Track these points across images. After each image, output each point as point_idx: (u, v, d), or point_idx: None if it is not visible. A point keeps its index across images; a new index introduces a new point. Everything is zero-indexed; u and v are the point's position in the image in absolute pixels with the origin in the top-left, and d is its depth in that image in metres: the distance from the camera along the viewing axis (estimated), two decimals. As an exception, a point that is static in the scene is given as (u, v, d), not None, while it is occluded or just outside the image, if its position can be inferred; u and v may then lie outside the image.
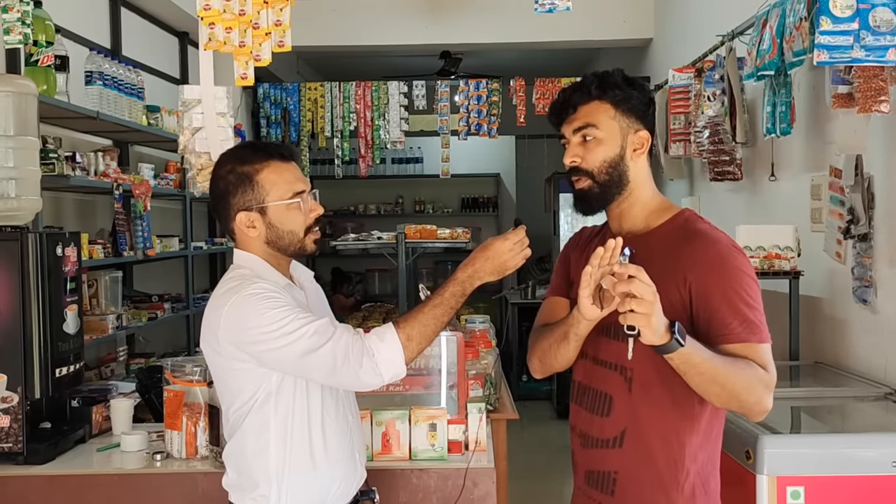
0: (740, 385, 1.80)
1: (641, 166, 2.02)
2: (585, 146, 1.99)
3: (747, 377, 1.81)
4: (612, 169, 1.98)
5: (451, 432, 2.83)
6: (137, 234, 4.73)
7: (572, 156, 2.00)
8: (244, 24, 3.11)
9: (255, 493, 2.09)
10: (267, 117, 7.34)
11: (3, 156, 3.00)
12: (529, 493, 5.37)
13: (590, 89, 1.98)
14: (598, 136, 1.97)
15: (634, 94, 1.99)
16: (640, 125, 2.00)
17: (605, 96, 1.97)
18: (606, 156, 1.97)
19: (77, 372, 3.06)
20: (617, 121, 1.98)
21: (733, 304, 1.85)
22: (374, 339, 2.04)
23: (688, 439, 1.92)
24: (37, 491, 2.77)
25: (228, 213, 2.14)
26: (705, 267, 1.88)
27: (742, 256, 1.91)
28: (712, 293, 1.86)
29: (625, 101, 1.98)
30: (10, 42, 3.53)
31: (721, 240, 1.93)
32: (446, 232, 4.96)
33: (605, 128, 1.97)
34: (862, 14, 2.82)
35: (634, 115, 1.99)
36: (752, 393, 1.82)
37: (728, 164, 4.64)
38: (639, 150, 2.00)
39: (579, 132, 1.99)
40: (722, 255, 1.89)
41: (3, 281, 2.82)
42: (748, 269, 1.90)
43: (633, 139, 1.99)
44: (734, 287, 1.86)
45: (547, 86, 7.11)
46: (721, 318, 1.85)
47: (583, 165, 1.99)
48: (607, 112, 1.98)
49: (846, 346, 3.67)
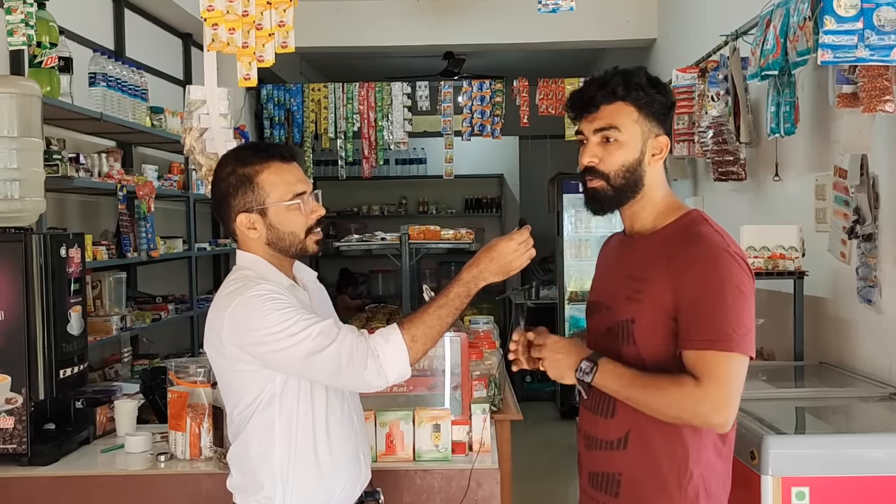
0: (661, 406, 1.84)
1: (657, 170, 2.00)
2: (605, 148, 1.96)
3: (670, 399, 1.83)
4: (629, 173, 1.96)
5: (455, 433, 2.82)
6: (141, 236, 4.74)
7: (591, 156, 1.97)
8: (247, 25, 3.11)
9: (260, 494, 2.09)
10: (270, 118, 7.35)
11: (7, 157, 3.00)
12: (533, 494, 5.36)
13: (615, 89, 1.94)
14: (620, 139, 1.94)
15: (658, 97, 1.96)
16: (661, 130, 1.98)
17: (630, 98, 1.94)
18: (626, 160, 1.95)
19: (81, 373, 3.06)
20: (639, 124, 1.95)
21: (706, 309, 1.83)
22: (379, 340, 2.03)
23: (691, 442, 1.91)
24: (41, 492, 2.77)
25: (229, 214, 2.14)
26: (691, 269, 1.86)
27: (732, 261, 1.86)
28: (690, 296, 1.84)
29: (648, 104, 1.95)
30: (13, 43, 3.54)
31: (716, 244, 1.88)
32: (450, 233, 4.96)
33: (628, 131, 1.95)
34: (866, 13, 2.81)
35: (656, 119, 1.97)
36: (683, 410, 1.83)
37: (732, 164, 4.63)
38: (657, 156, 1.98)
39: (601, 132, 1.96)
40: (707, 258, 1.86)
41: (7, 282, 2.82)
42: (734, 276, 1.85)
43: (653, 144, 1.97)
44: (714, 292, 1.83)
45: (550, 86, 7.11)
46: (689, 322, 1.84)
47: (600, 167, 1.96)
48: (630, 115, 1.95)
49: (851, 347, 3.66)
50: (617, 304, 1.98)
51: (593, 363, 1.91)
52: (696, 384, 1.81)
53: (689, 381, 1.82)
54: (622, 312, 1.95)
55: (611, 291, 2.02)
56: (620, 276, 2.00)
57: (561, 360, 1.97)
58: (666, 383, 1.84)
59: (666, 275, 1.88)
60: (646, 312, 1.91)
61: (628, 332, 1.93)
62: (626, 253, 2.05)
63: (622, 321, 1.95)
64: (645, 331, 1.91)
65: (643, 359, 1.92)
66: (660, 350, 1.91)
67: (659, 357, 1.91)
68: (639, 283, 1.93)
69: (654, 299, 1.90)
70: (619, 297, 1.97)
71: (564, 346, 1.99)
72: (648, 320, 1.91)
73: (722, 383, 1.81)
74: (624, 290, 1.96)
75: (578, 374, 1.93)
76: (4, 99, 3.00)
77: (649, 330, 1.91)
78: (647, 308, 1.91)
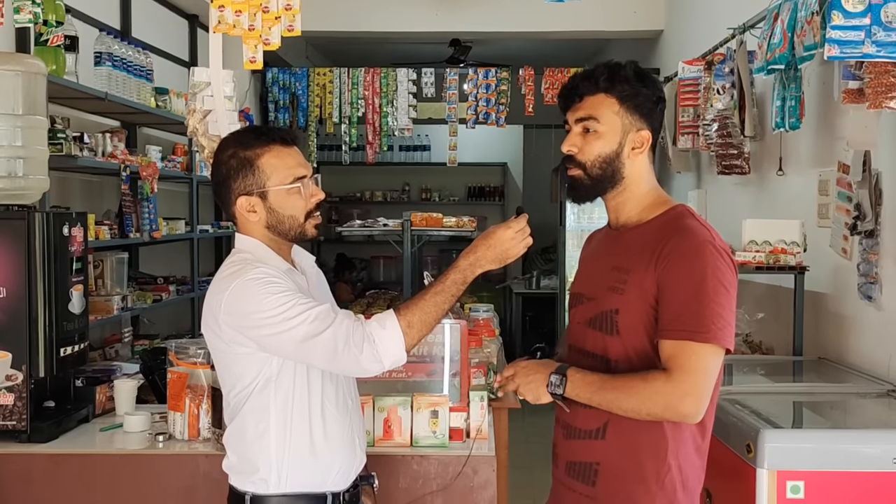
0: (634, 405, 1.86)
1: (640, 163, 2.00)
2: (585, 138, 1.99)
3: (641, 396, 1.84)
4: (605, 164, 1.98)
5: (453, 420, 2.83)
6: (144, 216, 4.74)
7: (570, 145, 2.01)
8: (254, 8, 3.10)
9: (255, 476, 2.10)
10: (275, 102, 7.34)
11: (12, 135, 3.00)
12: (529, 482, 5.37)
13: (598, 81, 1.97)
14: (598, 129, 1.97)
15: (643, 91, 1.97)
16: (644, 124, 1.98)
17: (612, 90, 1.96)
18: (602, 151, 1.97)
19: (81, 352, 3.07)
20: (620, 117, 1.97)
21: (687, 300, 1.84)
22: (375, 325, 2.04)
23: (671, 434, 1.92)
24: (39, 469, 2.79)
25: (229, 197, 2.14)
26: (675, 260, 1.87)
27: (715, 254, 1.87)
28: (672, 286, 1.86)
29: (631, 97, 1.96)
30: (20, 21, 3.54)
31: (700, 236, 1.89)
32: (452, 220, 4.96)
33: (607, 122, 1.97)
34: (874, 9, 2.80)
35: (639, 112, 1.97)
36: (655, 405, 1.84)
37: (736, 158, 4.62)
38: (637, 150, 1.99)
39: (581, 122, 1.99)
40: (691, 250, 1.87)
41: (10, 260, 2.83)
42: (717, 269, 1.85)
43: (634, 137, 1.98)
44: (696, 284, 1.84)
45: (556, 75, 7.10)
46: (669, 312, 1.86)
47: (578, 156, 2.00)
48: (612, 107, 1.97)
49: (850, 343, 3.66)
50: (601, 295, 1.98)
51: (561, 375, 1.93)
52: (667, 378, 1.82)
53: (659, 376, 1.84)
54: (606, 303, 1.96)
55: (594, 283, 2.03)
56: (605, 268, 2.00)
57: (532, 381, 1.98)
58: (635, 381, 1.86)
59: (650, 265, 1.89)
60: (630, 303, 1.92)
61: (612, 323, 1.94)
62: (611, 245, 2.06)
63: (606, 312, 1.95)
64: (629, 322, 1.92)
65: (628, 349, 1.93)
66: (645, 340, 1.92)
67: (643, 347, 1.92)
68: (623, 273, 1.94)
69: (637, 290, 1.91)
70: (603, 288, 1.98)
71: (533, 368, 2.01)
72: (632, 311, 1.92)
73: (693, 374, 1.82)
74: (608, 281, 1.97)
75: (550, 389, 1.94)
76: (10, 77, 3.00)
77: (634, 321, 1.92)
78: (631, 298, 1.92)
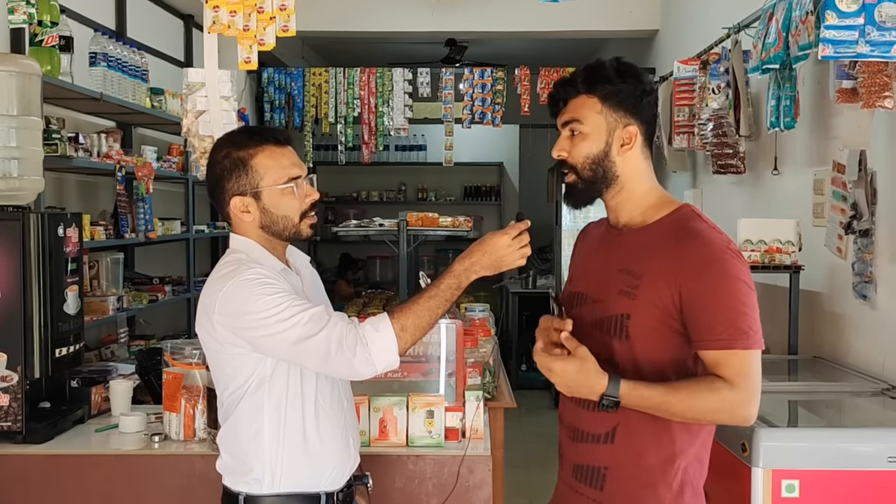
0: (697, 414, 1.85)
1: (633, 161, 1.98)
2: (572, 140, 1.98)
3: (706, 406, 1.84)
4: (595, 165, 1.96)
5: (449, 420, 2.84)
6: (139, 217, 4.74)
7: (559, 149, 2.00)
8: (249, 8, 3.10)
9: (249, 476, 2.11)
10: (271, 102, 7.34)
11: (6, 135, 3.00)
12: (525, 482, 5.38)
13: (577, 83, 1.97)
14: (583, 131, 1.96)
15: (624, 87, 1.95)
16: (631, 119, 1.96)
17: (593, 91, 1.95)
18: (590, 151, 1.96)
19: (77, 352, 3.07)
20: (604, 115, 1.95)
21: (720, 309, 1.83)
22: (369, 328, 2.04)
23: (679, 436, 1.91)
24: (35, 470, 2.78)
25: (223, 197, 2.14)
26: (696, 270, 1.85)
27: (736, 260, 1.87)
28: (700, 297, 1.84)
29: (613, 94, 1.95)
30: (14, 22, 3.53)
31: (714, 241, 1.88)
32: (448, 220, 4.96)
33: (591, 123, 1.95)
34: (868, 9, 2.81)
35: (623, 108, 1.96)
36: (720, 413, 1.85)
37: (731, 158, 4.63)
38: (627, 146, 1.96)
39: (567, 126, 1.99)
40: (714, 258, 1.86)
41: (5, 261, 2.82)
42: (741, 274, 1.86)
43: (621, 134, 1.96)
44: (724, 292, 1.84)
45: (552, 75, 7.09)
46: (704, 323, 1.84)
47: (568, 160, 1.99)
48: (594, 107, 1.95)
49: (845, 342, 3.67)
50: (609, 298, 1.95)
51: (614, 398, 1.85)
52: (731, 387, 1.82)
53: (723, 385, 1.82)
54: (615, 307, 1.93)
55: (600, 284, 1.99)
56: (611, 270, 1.97)
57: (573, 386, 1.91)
58: (702, 392, 1.84)
59: (668, 274, 1.87)
60: (642, 308, 1.89)
61: (622, 328, 1.91)
62: (614, 246, 2.02)
63: (616, 316, 1.92)
64: (641, 327, 1.90)
65: (635, 354, 1.90)
66: (656, 347, 1.89)
67: (653, 354, 1.90)
68: (634, 278, 1.91)
69: (651, 296, 1.88)
70: (611, 291, 1.94)
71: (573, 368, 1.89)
72: (644, 317, 1.89)
73: (749, 379, 1.84)
74: (617, 284, 1.94)
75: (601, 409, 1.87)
76: (4, 77, 3.00)
77: (645, 326, 1.89)
78: (643, 304, 1.89)
